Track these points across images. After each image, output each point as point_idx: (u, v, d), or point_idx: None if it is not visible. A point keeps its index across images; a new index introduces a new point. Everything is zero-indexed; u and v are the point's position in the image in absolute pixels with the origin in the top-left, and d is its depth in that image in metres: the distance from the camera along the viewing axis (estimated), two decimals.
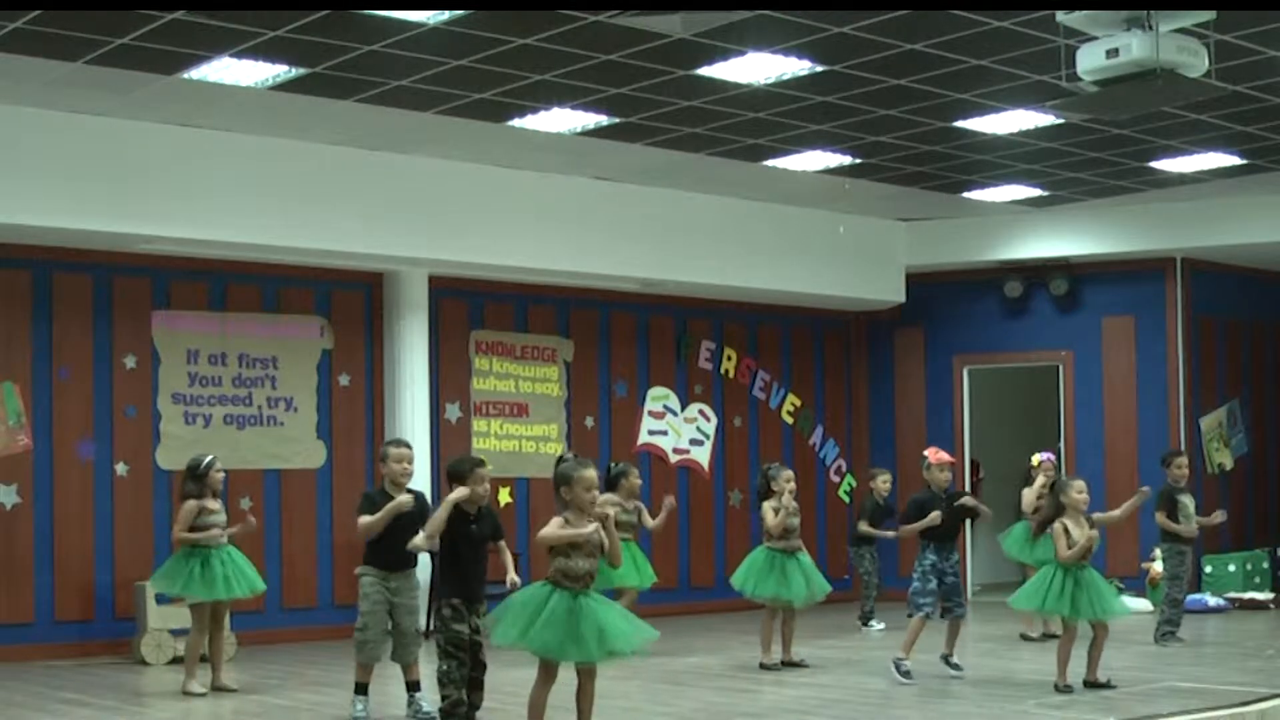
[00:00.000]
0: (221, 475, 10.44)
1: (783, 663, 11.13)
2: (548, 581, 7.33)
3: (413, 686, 8.91)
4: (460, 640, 7.95)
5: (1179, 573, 12.26)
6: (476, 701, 8.17)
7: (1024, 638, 12.68)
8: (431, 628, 13.68)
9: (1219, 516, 12.67)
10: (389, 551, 8.76)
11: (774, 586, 11.07)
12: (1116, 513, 10.33)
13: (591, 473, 7.44)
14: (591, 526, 7.30)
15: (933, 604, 10.31)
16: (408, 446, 8.95)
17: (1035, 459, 13.22)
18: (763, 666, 11.07)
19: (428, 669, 8.70)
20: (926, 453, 10.74)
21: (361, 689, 8.86)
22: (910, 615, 10.32)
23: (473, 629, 8.00)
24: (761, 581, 11.13)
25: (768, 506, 11.22)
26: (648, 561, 12.32)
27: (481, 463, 8.22)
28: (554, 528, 7.30)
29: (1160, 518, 12.25)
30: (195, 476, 10.26)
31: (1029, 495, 13.05)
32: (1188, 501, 12.27)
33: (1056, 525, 9.71)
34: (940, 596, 10.39)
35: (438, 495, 14.26)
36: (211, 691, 10.08)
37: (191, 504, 10.19)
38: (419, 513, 8.69)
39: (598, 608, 7.31)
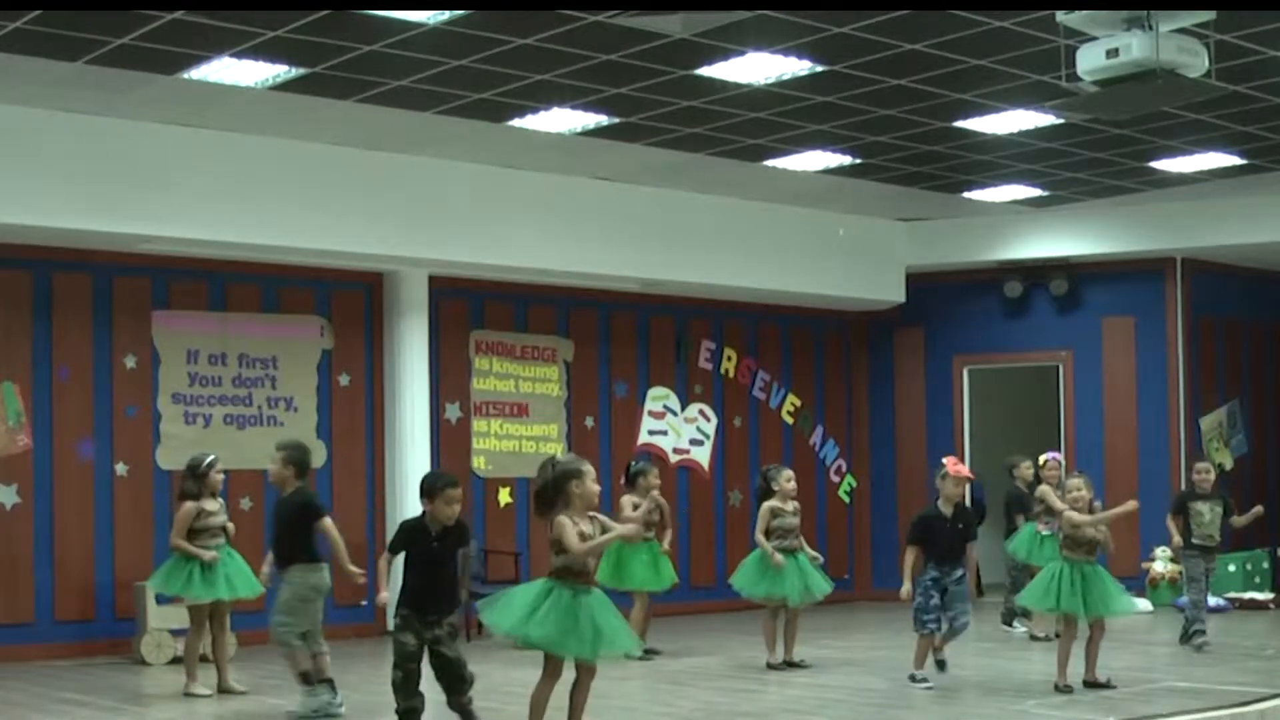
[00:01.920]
0: (222, 476, 10.39)
1: (785, 662, 11.12)
2: (549, 578, 7.33)
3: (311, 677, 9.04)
4: (404, 650, 7.85)
5: (1195, 574, 12.13)
6: (462, 705, 8.06)
7: (1033, 638, 12.63)
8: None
9: (1256, 512, 12.48)
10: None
11: (768, 586, 11.07)
12: (1106, 514, 10.21)
13: (590, 466, 7.52)
14: (632, 528, 7.76)
15: (937, 621, 10.00)
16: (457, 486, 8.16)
17: (1041, 459, 13.14)
18: (769, 666, 11.07)
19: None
20: (945, 461, 10.32)
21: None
22: (918, 633, 10.08)
23: (431, 640, 7.87)
24: (756, 581, 11.14)
25: (765, 508, 11.19)
26: (669, 562, 12.25)
27: (454, 483, 7.97)
28: (575, 536, 7.28)
29: (1169, 521, 12.20)
30: (195, 476, 10.21)
31: (1051, 495, 12.66)
32: (1202, 509, 12.10)
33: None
34: (943, 608, 10.05)
35: None
36: (218, 694, 10.05)
37: (190, 506, 10.11)
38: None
39: (595, 606, 7.34)
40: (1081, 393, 16.77)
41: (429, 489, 7.99)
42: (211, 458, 10.33)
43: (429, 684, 8.01)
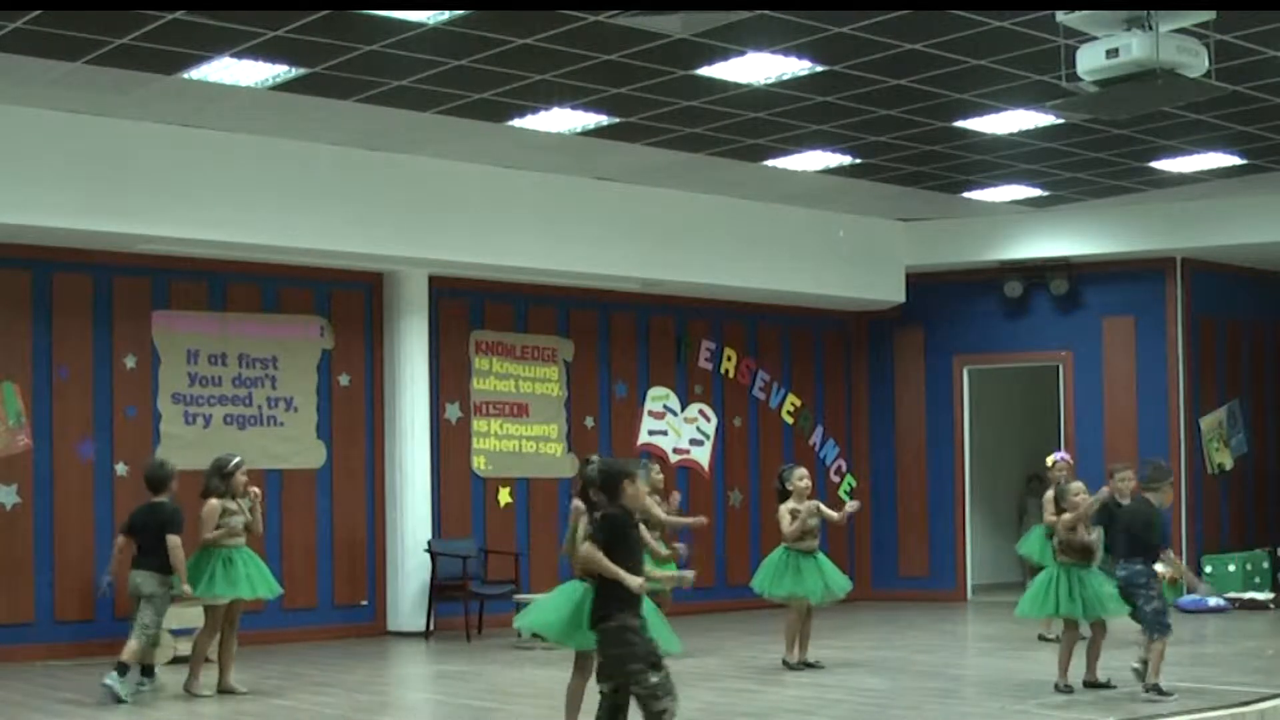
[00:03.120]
0: (245, 479, 10.33)
1: (801, 663, 11.11)
2: (578, 578, 7.32)
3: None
4: (656, 651, 6.91)
5: None
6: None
7: (1041, 638, 12.57)
8: (432, 626, 13.69)
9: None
10: None
11: (789, 585, 11.03)
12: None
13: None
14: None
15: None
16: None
17: (1049, 460, 13.07)
18: (786, 666, 11.05)
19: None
20: (1167, 466, 9.82)
21: None
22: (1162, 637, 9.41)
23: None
24: (777, 581, 11.09)
25: (784, 510, 11.13)
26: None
27: (641, 465, 7.60)
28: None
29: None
30: (222, 475, 10.18)
31: (1049, 499, 12.55)
32: None
33: (1064, 519, 9.75)
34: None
35: (439, 497, 14.28)
36: (218, 694, 10.04)
37: (215, 503, 10.11)
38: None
39: None
40: (1081, 393, 16.77)
41: (628, 472, 7.09)
42: (238, 459, 10.34)
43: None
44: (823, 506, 11.27)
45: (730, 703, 9.50)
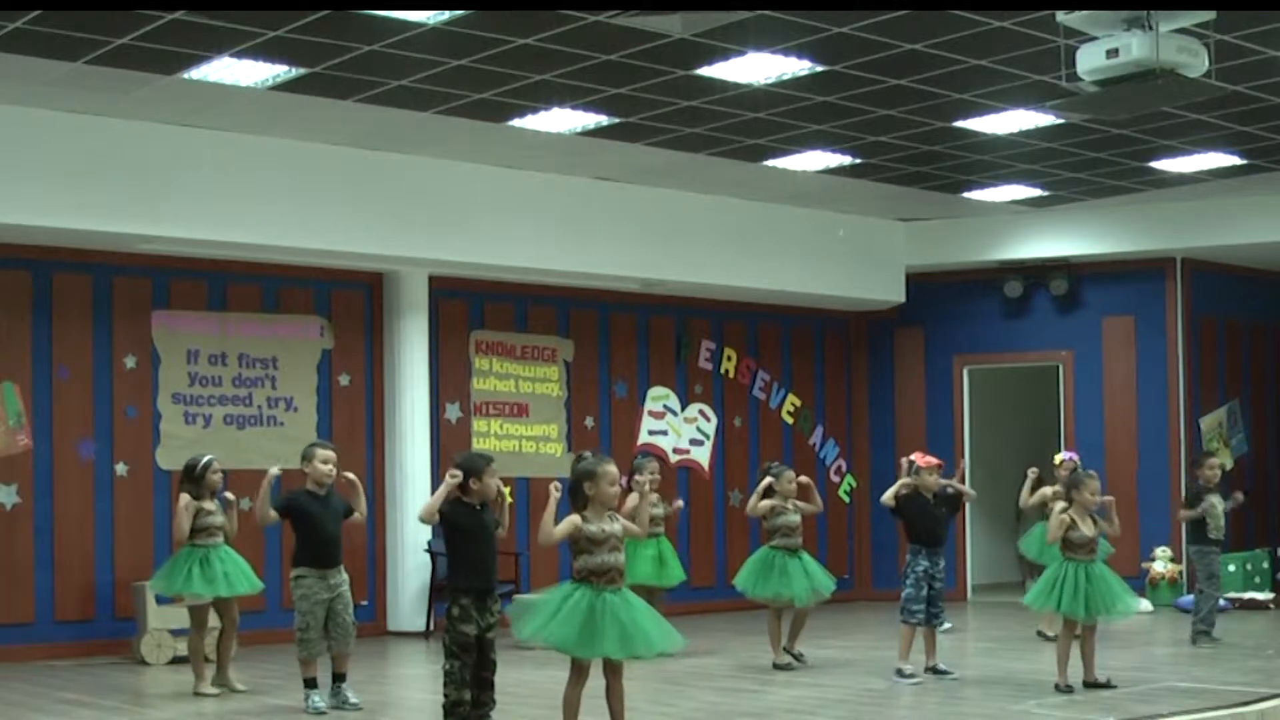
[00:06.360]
0: (219, 476, 10.40)
1: (784, 650, 11.12)
2: (572, 581, 7.36)
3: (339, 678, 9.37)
4: (466, 641, 7.89)
5: (1214, 571, 12.15)
6: (486, 700, 8.11)
7: (1041, 635, 12.55)
8: (432, 626, 13.70)
9: (1237, 498, 12.77)
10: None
11: (775, 586, 11.06)
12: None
13: (614, 468, 7.52)
14: (614, 523, 7.48)
15: (924, 612, 10.37)
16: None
17: (1057, 458, 13.06)
18: (776, 667, 11.06)
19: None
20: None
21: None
22: (904, 622, 10.38)
23: (483, 628, 7.96)
24: (762, 581, 11.12)
25: (765, 504, 11.24)
26: (676, 558, 12.29)
27: (492, 459, 8.27)
28: (563, 523, 7.41)
29: (1184, 513, 12.28)
30: (193, 477, 10.22)
31: (1047, 493, 12.62)
32: (1216, 502, 12.15)
33: (1059, 507, 9.76)
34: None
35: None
36: (215, 687, 10.06)
37: (187, 501, 10.13)
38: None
39: (622, 606, 7.30)
40: (1081, 393, 16.77)
41: (475, 468, 8.06)
42: (209, 458, 10.34)
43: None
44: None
45: (730, 703, 9.50)
